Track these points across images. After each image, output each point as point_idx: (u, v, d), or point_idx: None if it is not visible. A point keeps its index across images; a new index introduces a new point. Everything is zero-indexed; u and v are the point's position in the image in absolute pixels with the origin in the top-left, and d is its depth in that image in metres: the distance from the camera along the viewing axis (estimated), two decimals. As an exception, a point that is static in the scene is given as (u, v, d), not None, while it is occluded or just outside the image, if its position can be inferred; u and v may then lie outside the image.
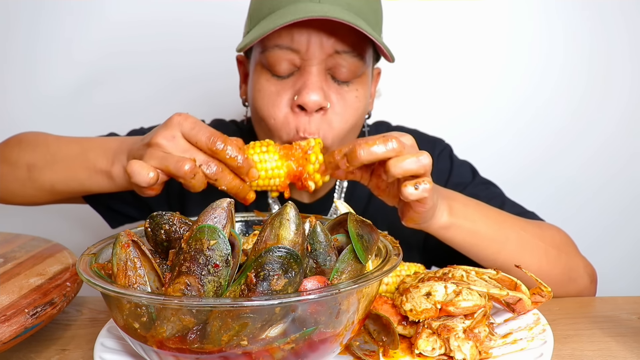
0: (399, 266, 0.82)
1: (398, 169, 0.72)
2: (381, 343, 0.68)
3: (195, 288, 0.54)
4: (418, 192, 0.73)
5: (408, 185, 0.73)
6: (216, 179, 0.77)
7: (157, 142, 0.76)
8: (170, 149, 0.76)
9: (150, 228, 0.64)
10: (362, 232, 0.63)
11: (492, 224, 0.87)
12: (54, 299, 0.70)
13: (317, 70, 0.87)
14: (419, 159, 0.72)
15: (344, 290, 0.54)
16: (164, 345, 0.54)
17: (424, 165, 0.73)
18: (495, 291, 0.70)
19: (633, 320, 0.81)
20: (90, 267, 0.60)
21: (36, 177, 0.94)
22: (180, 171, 0.74)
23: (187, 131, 0.76)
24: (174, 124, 0.77)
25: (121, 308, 0.56)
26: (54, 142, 0.96)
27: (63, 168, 0.92)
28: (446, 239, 0.85)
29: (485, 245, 0.86)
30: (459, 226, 0.84)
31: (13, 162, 0.96)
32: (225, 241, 0.55)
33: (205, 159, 0.77)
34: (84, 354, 0.72)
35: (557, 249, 0.93)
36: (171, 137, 0.76)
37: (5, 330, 0.62)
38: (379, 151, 0.73)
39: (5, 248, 0.88)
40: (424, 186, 0.73)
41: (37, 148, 0.96)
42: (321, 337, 0.56)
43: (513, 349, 0.67)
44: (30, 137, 0.99)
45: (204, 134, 0.76)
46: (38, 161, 0.94)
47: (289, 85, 0.89)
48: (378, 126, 1.18)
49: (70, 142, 0.94)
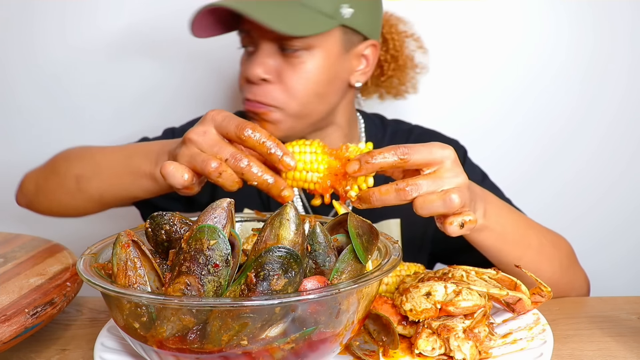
0: (399, 266, 0.81)
1: (425, 211, 0.68)
2: (381, 343, 0.68)
3: (195, 288, 0.54)
4: (462, 231, 0.71)
5: (454, 223, 0.70)
6: (243, 173, 0.72)
7: (190, 138, 0.75)
8: (201, 144, 0.74)
9: (151, 228, 0.64)
10: (362, 232, 0.63)
11: (518, 230, 0.86)
12: (54, 299, 0.70)
13: (264, 46, 0.96)
14: (445, 202, 0.67)
15: (344, 290, 0.54)
16: (164, 345, 0.54)
17: (454, 207, 0.68)
18: (495, 291, 0.70)
19: (633, 320, 0.81)
20: (90, 267, 0.60)
21: (84, 187, 0.97)
22: (206, 169, 0.72)
23: (218, 124, 0.74)
24: (208, 119, 0.75)
25: (121, 308, 0.56)
26: (98, 152, 1.00)
27: (109, 176, 0.94)
28: (476, 241, 0.83)
29: (509, 250, 0.85)
30: (491, 229, 0.81)
31: (62, 175, 1.00)
32: (225, 241, 0.55)
33: (234, 152, 0.72)
34: (84, 354, 0.72)
35: (568, 258, 0.94)
36: (203, 132, 0.74)
37: (6, 330, 0.62)
38: (391, 201, 0.69)
39: (5, 248, 0.88)
40: (469, 226, 0.70)
41: (83, 160, 1.00)
42: (321, 337, 0.56)
43: (513, 349, 0.67)
44: (77, 151, 1.04)
45: (233, 123, 0.73)
46: (85, 172, 0.98)
47: (248, 59, 1.00)
48: (396, 124, 1.20)
49: (115, 150, 0.98)
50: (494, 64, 1.48)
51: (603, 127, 1.50)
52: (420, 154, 0.69)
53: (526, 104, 1.50)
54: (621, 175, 1.53)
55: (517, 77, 1.49)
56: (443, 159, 0.70)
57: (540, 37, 1.47)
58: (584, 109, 1.50)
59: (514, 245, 0.85)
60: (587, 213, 1.54)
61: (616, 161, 1.52)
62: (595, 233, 1.53)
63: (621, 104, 1.49)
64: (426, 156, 0.69)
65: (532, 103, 1.50)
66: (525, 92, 1.49)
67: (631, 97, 1.49)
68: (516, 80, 1.49)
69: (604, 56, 1.47)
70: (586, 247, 1.03)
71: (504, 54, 1.48)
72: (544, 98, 1.50)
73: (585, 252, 0.99)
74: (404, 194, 0.68)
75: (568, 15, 1.45)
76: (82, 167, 0.99)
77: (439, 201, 0.68)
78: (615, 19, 1.45)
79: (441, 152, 0.70)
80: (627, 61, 1.47)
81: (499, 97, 1.50)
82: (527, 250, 0.86)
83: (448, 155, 0.70)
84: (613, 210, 1.54)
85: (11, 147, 1.55)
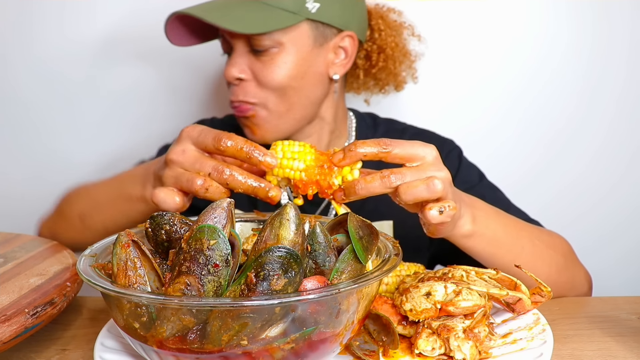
0: (399, 266, 0.81)
1: (409, 196, 0.70)
2: (381, 343, 0.68)
3: (195, 288, 0.54)
4: (442, 217, 0.72)
5: (433, 208, 0.71)
6: (227, 183, 0.74)
7: (171, 159, 0.77)
8: (182, 163, 0.76)
9: (151, 228, 0.64)
10: (362, 232, 0.63)
11: (509, 233, 0.87)
12: (54, 299, 0.70)
13: (237, 47, 1.00)
14: (428, 186, 0.70)
15: (344, 290, 0.54)
16: (164, 345, 0.54)
17: (437, 192, 0.70)
18: (495, 291, 0.70)
19: (633, 320, 0.81)
20: (90, 267, 0.60)
21: (89, 224, 1.02)
22: (193, 188, 0.75)
23: (195, 139, 0.76)
24: (184, 137, 0.77)
25: (121, 308, 0.56)
26: (93, 188, 1.06)
27: (107, 208, 0.98)
28: (466, 247, 0.84)
29: (502, 254, 0.85)
30: (480, 235, 0.83)
31: (67, 217, 1.07)
32: (225, 241, 0.55)
33: (214, 165, 0.75)
34: (84, 354, 0.72)
35: (564, 258, 0.94)
36: (181, 152, 0.76)
37: (6, 330, 0.62)
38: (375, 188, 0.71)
39: (5, 248, 0.88)
40: (448, 212, 0.72)
41: (82, 199, 1.07)
42: (321, 337, 0.56)
43: (513, 349, 0.67)
44: (76, 191, 1.10)
45: (210, 136, 0.75)
46: (86, 210, 1.03)
47: None
48: (389, 124, 1.20)
49: (108, 183, 1.02)
50: (494, 63, 1.48)
51: (604, 125, 1.50)
52: (402, 148, 0.72)
53: (527, 102, 1.50)
54: (622, 175, 1.52)
55: (517, 76, 1.48)
56: (425, 155, 0.72)
57: (541, 36, 1.47)
58: (585, 107, 1.50)
59: (507, 249, 0.86)
60: (588, 212, 1.54)
61: (618, 160, 1.52)
62: (596, 231, 1.53)
63: (624, 102, 1.49)
64: (408, 150, 0.72)
65: (532, 102, 1.50)
66: (526, 90, 1.49)
67: (630, 97, 1.49)
68: (516, 79, 1.48)
69: (603, 55, 1.47)
70: (587, 245, 1.02)
71: (504, 53, 1.47)
72: (543, 97, 1.49)
73: (586, 250, 0.99)
74: (388, 180, 0.71)
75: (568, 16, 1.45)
76: (82, 206, 1.05)
77: (422, 185, 0.70)
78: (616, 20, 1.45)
79: (423, 149, 0.72)
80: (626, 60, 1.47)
81: (499, 97, 1.50)
82: (521, 253, 0.87)
83: (430, 152, 0.73)
84: (614, 209, 1.54)
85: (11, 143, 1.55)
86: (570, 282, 0.93)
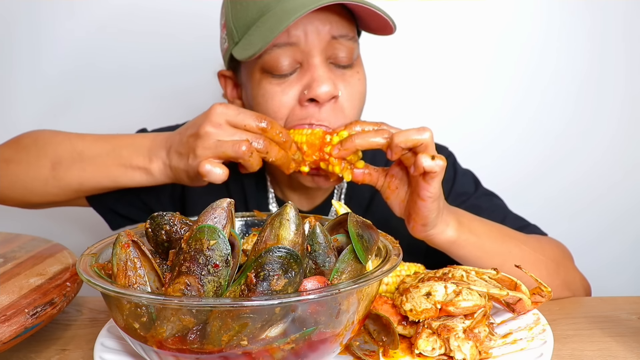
0: (399, 266, 0.81)
1: (401, 138, 0.76)
2: (381, 343, 0.68)
3: (195, 288, 0.54)
4: (433, 163, 0.75)
5: (426, 154, 0.76)
6: (267, 151, 0.82)
7: (207, 132, 0.81)
8: (220, 135, 0.81)
9: (151, 228, 0.64)
10: (362, 232, 0.63)
11: (495, 238, 0.89)
12: (54, 299, 0.70)
13: (320, 60, 0.87)
14: (419, 130, 0.77)
15: (344, 290, 0.54)
16: (164, 345, 0.54)
17: (426, 137, 0.76)
18: (495, 291, 0.70)
19: (633, 320, 0.81)
20: (90, 267, 0.60)
21: (61, 175, 0.94)
22: (239, 152, 0.79)
23: (232, 118, 0.82)
24: (218, 113, 0.81)
25: (121, 308, 0.56)
26: (77, 140, 0.96)
27: (93, 166, 0.92)
28: (452, 252, 0.87)
29: (489, 259, 0.87)
30: (465, 239, 0.85)
31: (32, 161, 0.95)
32: (225, 241, 0.55)
33: (254, 137, 0.82)
34: (84, 354, 0.72)
35: (556, 263, 0.94)
36: (218, 125, 0.81)
37: (5, 330, 0.62)
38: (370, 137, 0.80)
39: (5, 248, 0.88)
40: (438, 162, 0.75)
41: (59, 146, 0.95)
42: (321, 337, 0.56)
43: (513, 349, 0.67)
44: (48, 135, 0.98)
45: (251, 117, 0.82)
46: (64, 159, 0.94)
47: (294, 82, 0.89)
48: None
49: (98, 140, 0.95)
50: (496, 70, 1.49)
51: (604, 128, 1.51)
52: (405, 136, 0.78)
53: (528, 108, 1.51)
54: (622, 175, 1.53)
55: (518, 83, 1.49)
56: (425, 139, 0.78)
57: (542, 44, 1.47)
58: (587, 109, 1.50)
59: (493, 254, 0.87)
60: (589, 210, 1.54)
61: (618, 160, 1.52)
62: (596, 231, 1.54)
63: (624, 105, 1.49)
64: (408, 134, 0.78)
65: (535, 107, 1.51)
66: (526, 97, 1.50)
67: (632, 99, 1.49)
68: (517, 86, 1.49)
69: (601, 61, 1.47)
70: (587, 245, 1.03)
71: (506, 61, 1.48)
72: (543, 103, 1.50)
73: (586, 250, 0.99)
74: (382, 131, 0.81)
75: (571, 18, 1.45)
76: (59, 153, 0.94)
77: (413, 130, 0.77)
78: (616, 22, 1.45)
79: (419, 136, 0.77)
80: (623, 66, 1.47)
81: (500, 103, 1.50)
82: (508, 258, 0.87)
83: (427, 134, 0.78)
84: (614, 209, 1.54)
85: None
86: (563, 286, 0.93)
